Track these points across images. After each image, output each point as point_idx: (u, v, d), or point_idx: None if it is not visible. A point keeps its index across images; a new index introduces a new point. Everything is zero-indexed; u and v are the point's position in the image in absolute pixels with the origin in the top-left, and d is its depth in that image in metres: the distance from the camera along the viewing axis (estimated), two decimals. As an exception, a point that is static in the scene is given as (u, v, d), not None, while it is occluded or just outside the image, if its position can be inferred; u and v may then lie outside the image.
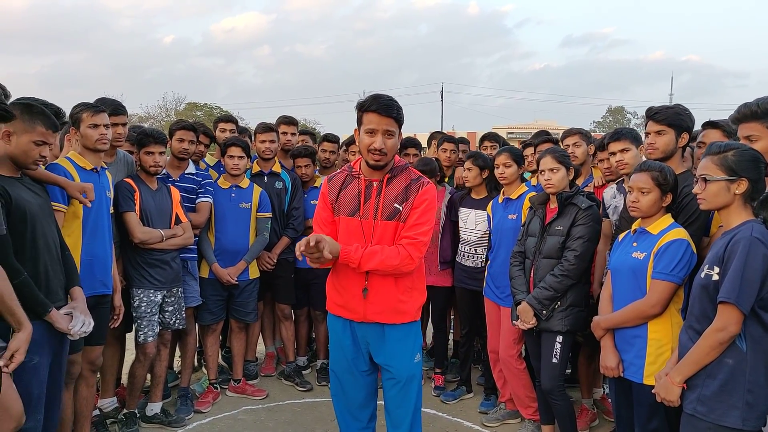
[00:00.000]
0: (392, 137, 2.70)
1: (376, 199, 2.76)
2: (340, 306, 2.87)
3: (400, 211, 2.75)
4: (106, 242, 3.45)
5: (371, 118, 2.67)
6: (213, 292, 4.50)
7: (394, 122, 2.69)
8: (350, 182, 2.84)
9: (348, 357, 2.91)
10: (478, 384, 4.85)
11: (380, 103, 2.66)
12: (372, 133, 2.67)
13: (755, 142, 2.50)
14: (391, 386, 2.86)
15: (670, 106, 3.19)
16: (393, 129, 2.69)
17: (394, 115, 2.67)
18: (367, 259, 2.66)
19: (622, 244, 3.04)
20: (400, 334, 2.83)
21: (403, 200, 2.76)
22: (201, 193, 4.41)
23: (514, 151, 4.14)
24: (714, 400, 2.28)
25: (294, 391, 4.80)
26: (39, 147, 2.69)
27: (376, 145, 2.65)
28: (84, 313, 2.84)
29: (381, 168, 2.75)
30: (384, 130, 2.66)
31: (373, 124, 2.66)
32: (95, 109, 3.41)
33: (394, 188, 2.78)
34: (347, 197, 2.81)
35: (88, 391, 3.52)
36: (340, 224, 2.82)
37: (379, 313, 2.79)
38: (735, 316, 2.21)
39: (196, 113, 39.52)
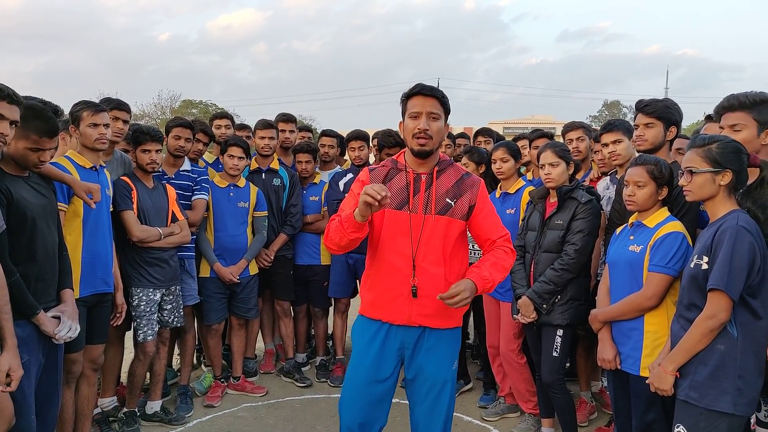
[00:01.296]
0: (437, 120, 2.57)
1: (426, 193, 2.61)
2: (379, 307, 2.65)
3: (452, 206, 2.62)
4: (106, 240, 3.45)
5: (415, 102, 2.56)
6: (215, 291, 4.50)
7: (438, 104, 2.57)
8: (395, 175, 2.67)
9: (371, 364, 2.65)
10: (477, 379, 4.87)
11: (424, 86, 2.58)
12: (416, 117, 2.55)
13: (740, 131, 2.57)
14: (425, 392, 2.64)
15: (659, 99, 3.26)
16: (438, 111, 2.57)
17: (438, 96, 2.57)
18: (495, 276, 2.56)
19: (620, 238, 3.06)
20: (443, 338, 2.67)
21: (455, 196, 2.63)
22: (197, 191, 4.40)
23: (510, 145, 4.15)
24: (706, 386, 2.32)
25: (293, 388, 4.81)
26: (36, 153, 2.63)
27: (421, 126, 2.52)
28: (71, 318, 2.82)
29: (427, 155, 2.60)
30: (428, 112, 2.54)
31: (417, 107, 2.55)
32: (95, 108, 3.40)
33: (444, 182, 2.64)
34: (393, 189, 2.61)
35: (89, 389, 3.52)
36: (385, 218, 2.62)
37: (425, 316, 2.61)
38: (724, 303, 2.26)
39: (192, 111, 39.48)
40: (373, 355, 2.65)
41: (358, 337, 2.74)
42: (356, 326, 2.78)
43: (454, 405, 2.75)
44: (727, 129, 2.60)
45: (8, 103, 2.42)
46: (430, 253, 2.58)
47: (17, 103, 2.46)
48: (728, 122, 2.61)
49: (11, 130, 2.45)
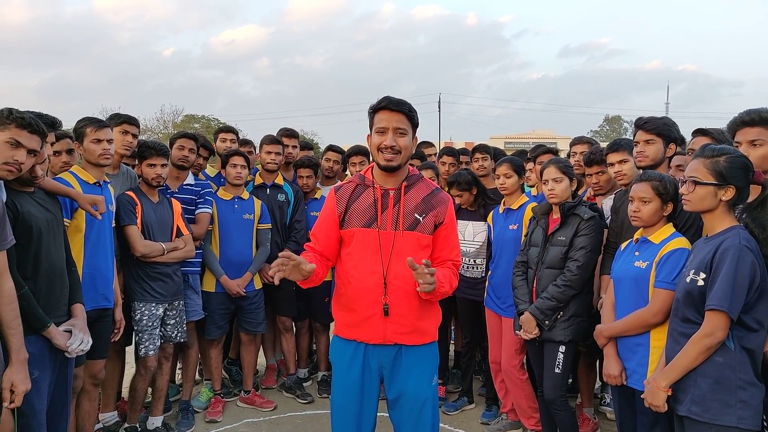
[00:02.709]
0: (404, 135, 2.53)
1: (395, 209, 2.58)
2: (353, 327, 2.61)
3: (420, 221, 2.59)
4: (107, 256, 3.45)
5: (381, 117, 2.54)
6: (220, 306, 4.50)
7: (405, 119, 2.54)
8: (362, 192, 2.64)
9: (355, 386, 2.62)
10: (479, 395, 4.84)
11: (390, 100, 2.54)
12: (382, 132, 2.52)
13: (760, 146, 2.52)
14: (407, 412, 2.61)
15: (658, 117, 3.29)
16: (404, 127, 2.53)
17: (405, 111, 2.53)
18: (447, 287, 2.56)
19: (624, 254, 3.06)
20: (420, 355, 2.64)
21: (423, 211, 2.60)
22: (200, 204, 4.41)
23: (514, 161, 4.16)
24: (708, 399, 2.29)
25: (295, 404, 4.78)
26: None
27: (387, 142, 2.49)
28: (83, 331, 2.83)
29: (394, 170, 2.57)
30: (395, 128, 2.51)
31: (384, 122, 2.52)
32: (99, 124, 3.44)
33: (412, 197, 2.61)
34: (361, 207, 2.60)
35: (90, 404, 3.51)
36: (354, 237, 2.60)
37: (400, 334, 2.57)
38: (723, 322, 2.25)
39: (194, 125, 39.61)
40: (355, 376, 2.62)
41: (338, 359, 2.70)
42: (333, 347, 2.75)
43: (438, 421, 2.71)
44: (745, 144, 2.55)
45: (29, 132, 2.48)
46: (400, 269, 2.51)
47: (39, 133, 2.53)
48: (747, 137, 2.56)
49: (28, 159, 2.51)
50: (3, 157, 2.42)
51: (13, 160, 2.44)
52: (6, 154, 2.43)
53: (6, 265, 2.46)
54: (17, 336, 2.41)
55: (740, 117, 2.61)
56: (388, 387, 2.66)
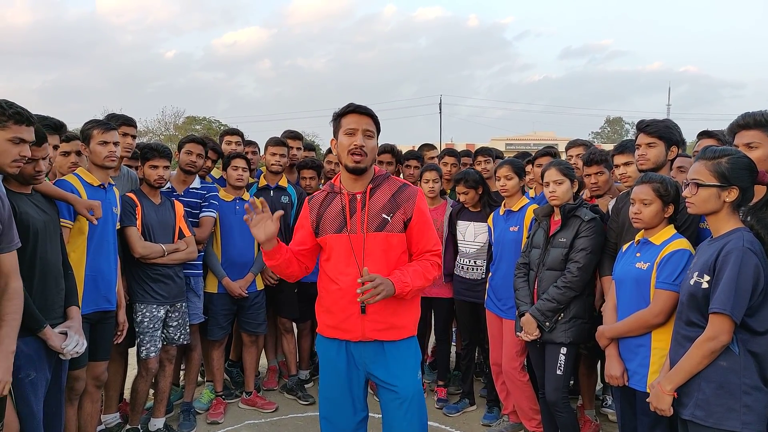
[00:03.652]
0: (371, 138, 2.68)
1: (363, 212, 2.68)
2: (334, 327, 2.73)
3: (388, 221, 2.67)
4: (110, 258, 3.46)
5: (350, 120, 2.66)
6: (222, 307, 4.51)
7: (372, 122, 2.68)
8: (332, 199, 2.75)
9: (343, 379, 2.75)
10: (480, 396, 4.85)
11: (358, 105, 2.68)
12: (351, 133, 2.64)
13: (755, 149, 2.53)
14: (397, 406, 2.69)
15: (660, 120, 3.29)
16: (372, 130, 2.68)
17: (372, 114, 2.68)
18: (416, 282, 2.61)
19: (626, 255, 3.06)
20: (401, 350, 2.73)
21: (391, 210, 2.68)
22: (204, 207, 4.42)
23: (515, 163, 4.17)
24: (712, 404, 2.29)
25: (297, 405, 4.79)
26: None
27: (357, 141, 2.61)
28: (78, 333, 2.84)
29: (362, 172, 2.68)
30: (364, 129, 2.64)
31: (353, 124, 2.64)
32: (105, 127, 3.45)
33: (379, 198, 2.71)
34: (331, 215, 2.72)
35: (92, 406, 3.52)
36: (327, 243, 2.73)
37: (377, 331, 2.67)
38: (727, 325, 2.24)
39: (195, 127, 39.63)
40: (342, 370, 2.75)
41: (324, 355, 2.84)
42: (319, 345, 2.89)
43: (426, 414, 2.79)
44: (742, 147, 2.56)
45: (27, 126, 2.50)
46: (375, 270, 2.58)
47: (34, 124, 2.55)
48: (743, 140, 2.58)
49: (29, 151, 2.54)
50: (10, 156, 2.46)
51: (20, 156, 2.49)
52: (12, 152, 2.45)
53: (16, 265, 2.49)
54: (12, 331, 2.40)
55: (736, 121, 2.63)
56: (375, 372, 2.74)
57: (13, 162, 2.47)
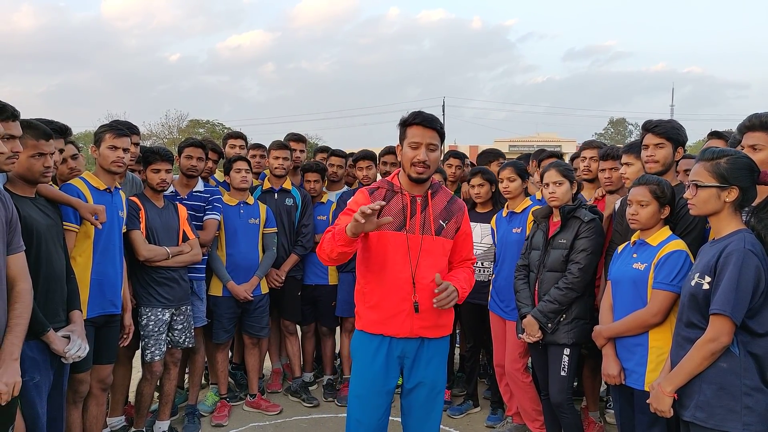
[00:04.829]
0: (435, 150, 2.74)
1: (422, 215, 2.79)
2: (381, 323, 2.78)
3: (444, 227, 2.82)
4: (116, 262, 3.48)
5: (415, 132, 2.71)
6: (226, 310, 4.52)
7: (437, 135, 2.74)
8: (392, 197, 2.81)
9: (379, 376, 2.80)
10: (484, 398, 4.85)
11: (424, 117, 2.73)
12: (416, 147, 2.70)
13: (759, 151, 2.54)
14: (423, 399, 2.84)
15: (666, 120, 3.28)
16: (436, 143, 2.74)
17: (437, 127, 2.73)
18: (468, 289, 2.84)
19: (622, 256, 3.08)
20: (438, 346, 2.88)
21: (446, 218, 2.83)
22: (209, 210, 4.43)
23: (518, 165, 4.18)
24: (712, 405, 2.29)
25: (301, 407, 4.80)
26: (39, 159, 2.70)
27: (420, 157, 2.68)
28: (81, 337, 2.86)
29: (423, 182, 2.79)
30: (428, 143, 2.70)
31: (417, 137, 2.70)
32: (118, 132, 3.47)
33: (437, 204, 2.84)
34: (391, 212, 2.75)
35: (98, 409, 3.53)
36: (382, 239, 2.76)
37: (426, 328, 2.79)
38: (728, 327, 2.24)
39: (199, 130, 39.73)
40: (379, 366, 2.80)
41: (362, 351, 2.87)
42: (357, 341, 2.92)
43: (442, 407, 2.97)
44: (747, 149, 2.57)
45: (13, 122, 2.50)
46: (429, 271, 2.72)
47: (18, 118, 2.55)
48: (748, 142, 2.59)
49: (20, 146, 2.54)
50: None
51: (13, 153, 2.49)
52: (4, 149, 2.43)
53: (24, 266, 2.52)
54: (19, 335, 2.41)
55: (744, 122, 2.65)
56: (407, 376, 2.86)
57: (8, 159, 2.47)
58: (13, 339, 2.38)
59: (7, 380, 2.30)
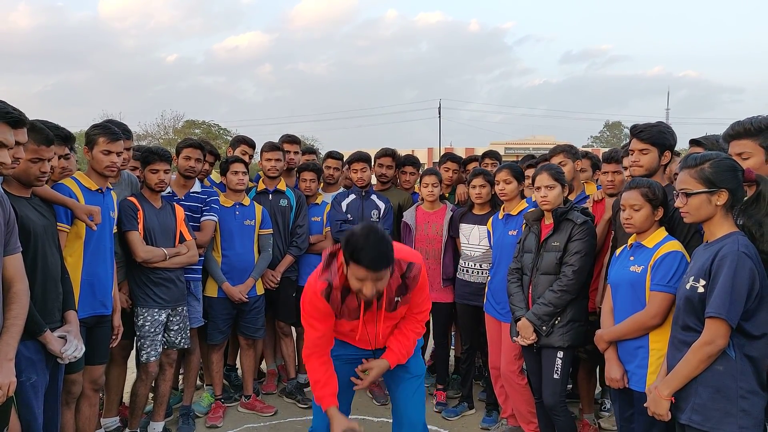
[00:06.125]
0: (383, 278, 2.57)
1: (378, 302, 2.88)
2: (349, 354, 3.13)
3: (399, 301, 2.92)
4: (107, 263, 3.46)
5: (359, 273, 2.51)
6: (222, 311, 4.51)
7: (385, 271, 2.56)
8: (347, 295, 2.81)
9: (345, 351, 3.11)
10: (479, 400, 4.85)
11: (369, 259, 2.45)
12: (362, 280, 2.54)
13: (747, 159, 2.53)
14: (408, 379, 3.10)
15: (653, 124, 3.26)
16: (384, 274, 2.56)
17: (383, 268, 2.52)
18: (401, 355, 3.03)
19: (620, 259, 3.09)
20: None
21: (401, 292, 2.89)
22: (206, 211, 4.43)
23: (514, 167, 4.19)
24: (709, 408, 2.30)
25: (296, 409, 4.79)
26: (36, 164, 2.69)
27: (366, 291, 2.56)
28: (77, 337, 2.85)
29: None
30: (374, 278, 2.53)
31: (361, 275, 2.52)
32: (112, 136, 3.42)
33: (390, 288, 2.83)
34: (349, 309, 2.87)
35: (90, 410, 3.51)
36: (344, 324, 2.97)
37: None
38: (723, 329, 2.25)
39: (195, 131, 39.65)
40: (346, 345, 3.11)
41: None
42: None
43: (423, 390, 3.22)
44: (735, 157, 2.55)
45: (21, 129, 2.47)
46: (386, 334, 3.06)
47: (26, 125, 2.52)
48: (735, 150, 2.57)
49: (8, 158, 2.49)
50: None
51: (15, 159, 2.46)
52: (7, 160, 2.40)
53: (21, 267, 2.51)
54: (15, 336, 2.40)
55: (728, 130, 2.62)
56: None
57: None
58: (8, 339, 2.37)
59: (2, 380, 2.29)
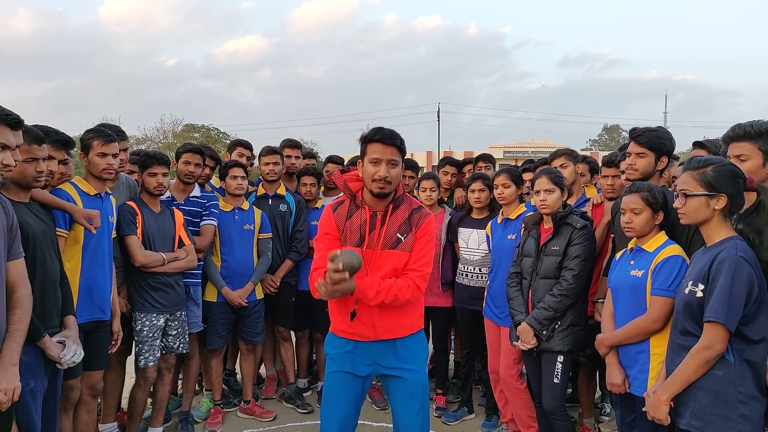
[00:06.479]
0: (396, 166, 2.76)
1: (380, 230, 2.80)
2: (343, 331, 2.88)
3: (401, 241, 2.81)
4: (105, 268, 3.45)
5: (375, 148, 2.73)
6: (221, 316, 4.50)
7: (397, 151, 2.75)
8: (354, 211, 2.86)
9: (346, 366, 2.89)
10: (479, 404, 4.84)
11: (384, 133, 2.74)
12: (376, 163, 2.72)
13: (745, 161, 2.55)
14: (407, 395, 2.87)
15: (653, 129, 3.25)
16: (396, 158, 2.75)
17: (397, 144, 2.74)
18: (384, 295, 2.68)
19: (620, 263, 3.08)
20: (411, 343, 2.91)
21: (405, 231, 2.82)
22: (205, 216, 4.43)
23: (512, 171, 4.18)
24: (708, 413, 2.29)
25: (295, 414, 4.78)
26: (31, 164, 2.68)
27: (381, 173, 2.70)
28: (76, 342, 2.84)
29: (385, 197, 2.80)
30: (388, 159, 2.72)
31: (377, 153, 2.72)
32: (106, 139, 3.41)
33: (397, 218, 2.83)
34: (352, 227, 2.83)
35: (88, 416, 3.50)
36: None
37: (389, 331, 2.84)
38: (722, 334, 2.24)
39: (194, 135, 39.64)
40: (348, 359, 2.89)
41: (331, 348, 2.96)
42: (328, 342, 3.00)
43: (428, 402, 2.96)
44: (733, 159, 2.57)
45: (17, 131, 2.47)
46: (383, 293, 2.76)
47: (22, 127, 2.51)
48: (734, 152, 2.59)
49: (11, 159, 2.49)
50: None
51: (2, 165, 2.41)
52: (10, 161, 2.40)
53: (24, 272, 2.51)
54: (18, 341, 2.40)
55: (727, 133, 2.64)
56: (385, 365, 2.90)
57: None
58: (12, 344, 2.37)
59: (6, 385, 2.29)
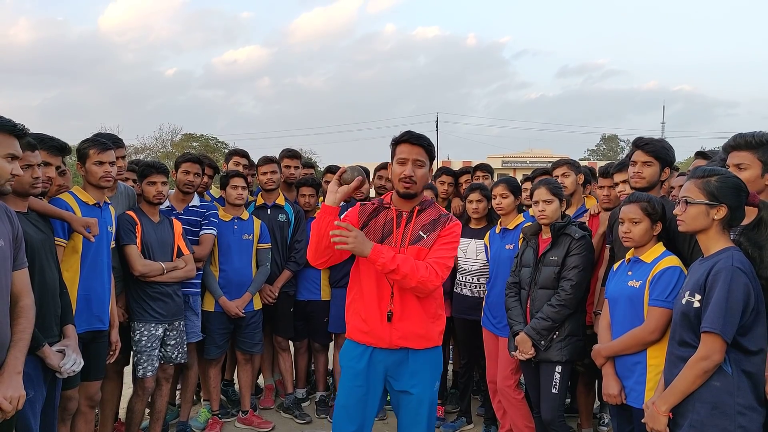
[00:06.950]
0: (422, 167, 2.84)
1: (405, 228, 2.88)
2: (365, 333, 2.88)
3: (423, 238, 2.86)
4: (104, 278, 3.44)
5: (402, 149, 2.83)
6: (219, 326, 4.49)
7: (424, 152, 2.83)
8: (381, 211, 2.95)
9: (361, 384, 2.88)
10: (478, 415, 4.82)
11: (411, 134, 2.85)
12: (403, 163, 2.81)
13: (744, 170, 2.56)
14: (406, 409, 2.89)
15: (657, 139, 3.31)
16: (423, 159, 2.83)
17: (424, 144, 2.83)
18: (400, 262, 2.67)
19: (618, 274, 3.09)
20: (424, 358, 2.90)
21: (429, 230, 2.87)
22: (205, 225, 4.43)
23: (511, 181, 4.20)
24: (706, 424, 2.28)
25: (293, 424, 4.76)
26: (27, 171, 2.65)
27: (407, 172, 2.79)
28: (75, 352, 2.84)
29: (411, 197, 2.88)
30: (414, 159, 2.80)
31: (404, 153, 2.81)
32: (102, 147, 3.43)
33: (422, 219, 2.90)
34: (376, 225, 2.91)
35: (86, 426, 3.48)
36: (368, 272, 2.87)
37: (405, 338, 2.84)
38: (719, 345, 2.24)
39: (193, 144, 39.65)
40: (361, 369, 2.88)
41: (346, 358, 2.97)
42: (344, 349, 3.02)
43: (434, 420, 2.98)
44: (732, 167, 2.59)
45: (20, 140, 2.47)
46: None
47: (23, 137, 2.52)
48: (733, 161, 2.61)
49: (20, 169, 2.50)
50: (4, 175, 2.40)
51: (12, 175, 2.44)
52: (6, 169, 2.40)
53: (27, 282, 2.52)
54: (22, 350, 2.40)
55: (729, 141, 2.67)
56: (394, 384, 2.91)
57: (6, 182, 2.44)
58: (16, 353, 2.37)
59: (12, 394, 2.28)
